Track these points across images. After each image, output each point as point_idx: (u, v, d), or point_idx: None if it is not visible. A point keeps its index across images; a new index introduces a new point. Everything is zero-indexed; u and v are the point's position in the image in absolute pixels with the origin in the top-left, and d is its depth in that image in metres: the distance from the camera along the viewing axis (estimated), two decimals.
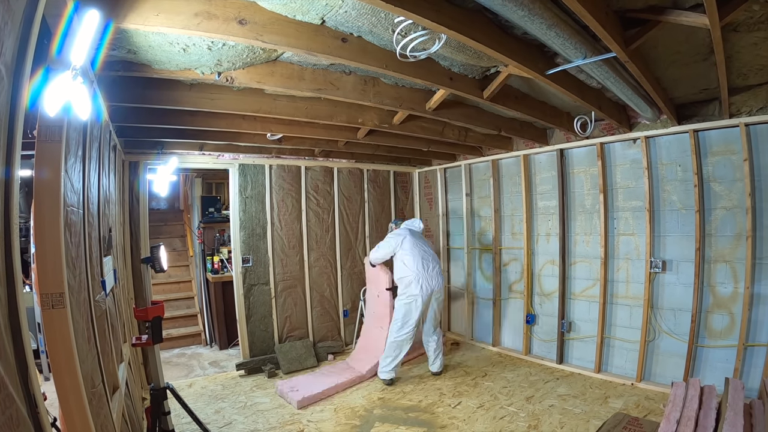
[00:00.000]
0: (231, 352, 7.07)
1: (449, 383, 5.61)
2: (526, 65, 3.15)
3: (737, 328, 4.68)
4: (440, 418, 4.67)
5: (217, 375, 6.07)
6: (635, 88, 3.83)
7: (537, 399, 5.07)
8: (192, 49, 2.79)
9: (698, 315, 4.94)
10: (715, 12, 2.30)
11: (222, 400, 5.17)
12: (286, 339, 6.48)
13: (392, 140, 5.79)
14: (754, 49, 3.34)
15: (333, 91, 3.66)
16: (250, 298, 6.19)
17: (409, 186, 8.45)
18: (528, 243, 6.49)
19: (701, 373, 4.96)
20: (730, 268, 4.78)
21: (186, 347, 7.48)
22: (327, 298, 7.01)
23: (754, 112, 4.46)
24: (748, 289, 4.55)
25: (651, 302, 5.30)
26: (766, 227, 4.53)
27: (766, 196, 4.52)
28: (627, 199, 5.55)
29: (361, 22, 2.68)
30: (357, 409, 4.91)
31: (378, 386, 5.53)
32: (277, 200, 6.51)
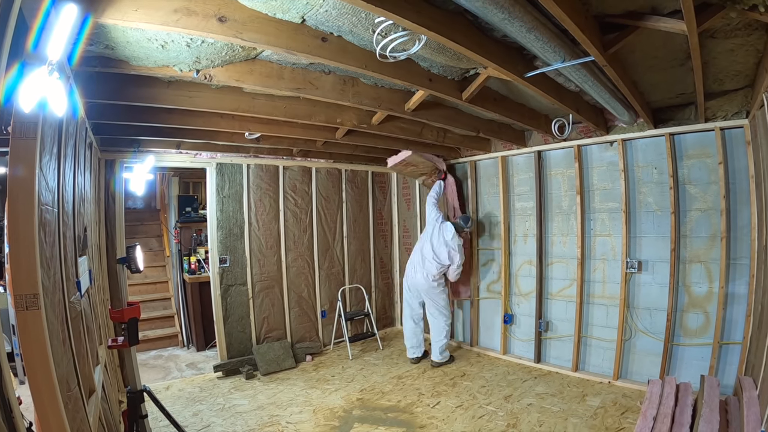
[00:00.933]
0: (208, 354, 7.00)
1: (428, 383, 5.62)
2: (505, 67, 3.16)
3: (712, 326, 4.79)
4: (419, 418, 4.68)
5: (195, 377, 6.00)
6: (613, 91, 3.88)
7: (515, 398, 5.11)
8: (170, 46, 2.76)
9: (674, 314, 5.03)
10: (693, 19, 2.33)
11: (200, 403, 5.12)
12: (264, 340, 6.44)
13: (371, 140, 5.77)
14: (730, 56, 3.40)
15: (312, 91, 3.63)
16: (228, 298, 6.13)
17: (387, 186, 8.45)
18: (506, 243, 6.53)
19: (677, 371, 5.05)
20: (705, 268, 4.87)
21: (163, 349, 7.38)
22: (305, 298, 6.98)
23: (730, 117, 4.56)
24: (723, 289, 4.66)
25: (627, 302, 5.38)
26: (740, 228, 4.63)
27: (740, 198, 4.62)
28: (603, 200, 5.62)
29: (342, 22, 2.67)
30: (336, 409, 4.89)
31: (357, 387, 5.52)
32: (255, 200, 6.46)
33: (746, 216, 4.57)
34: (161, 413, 3.60)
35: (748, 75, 3.87)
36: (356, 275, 7.77)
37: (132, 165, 5.43)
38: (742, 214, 4.61)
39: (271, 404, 5.05)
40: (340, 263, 7.53)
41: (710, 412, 3.51)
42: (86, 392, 2.60)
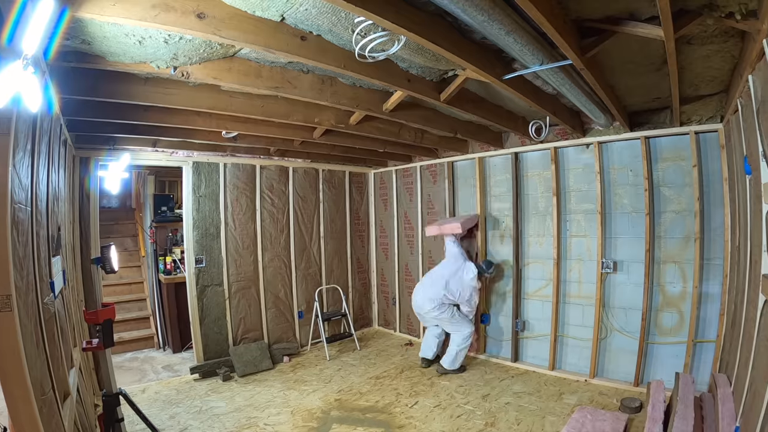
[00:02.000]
0: (185, 356, 6.90)
1: (405, 383, 5.62)
2: (483, 69, 3.17)
3: (686, 325, 4.89)
4: (397, 418, 4.68)
5: (171, 379, 5.92)
6: (590, 95, 3.92)
7: (493, 397, 5.14)
8: (148, 42, 2.72)
9: (648, 313, 5.11)
10: (670, 25, 2.37)
11: (177, 405, 5.05)
12: (241, 341, 6.38)
13: (348, 140, 5.76)
14: (706, 62, 3.47)
15: (290, 90, 3.61)
16: (204, 299, 6.07)
17: (364, 187, 8.46)
18: (483, 244, 6.57)
19: (652, 369, 5.15)
20: (679, 268, 4.96)
21: (138, 351, 7.27)
22: (281, 299, 6.94)
23: (704, 121, 4.66)
24: (697, 288, 4.76)
25: (603, 301, 5.44)
26: (713, 230, 4.74)
27: (714, 200, 4.73)
28: (579, 202, 5.68)
29: (321, 21, 2.65)
30: (314, 411, 4.87)
31: (335, 387, 5.50)
32: (232, 199, 6.40)
33: (719, 218, 4.67)
34: (138, 417, 3.56)
35: (723, 81, 3.95)
36: (333, 275, 7.75)
37: (107, 163, 5.34)
38: (715, 216, 4.71)
39: (249, 406, 5.01)
40: (317, 263, 7.50)
41: (685, 408, 3.57)
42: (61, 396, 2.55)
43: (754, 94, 2.86)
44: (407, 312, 7.79)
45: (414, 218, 7.63)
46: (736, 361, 3.47)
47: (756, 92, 2.84)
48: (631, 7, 2.58)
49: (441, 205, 7.15)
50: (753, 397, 2.73)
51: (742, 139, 3.54)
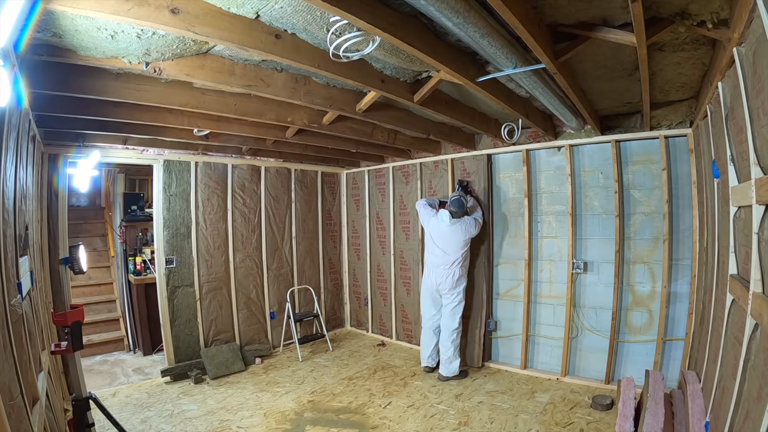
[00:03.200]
0: (155, 358, 6.80)
1: (378, 384, 5.62)
2: (457, 71, 3.18)
3: (656, 324, 5.00)
4: (371, 418, 4.68)
5: (142, 382, 5.82)
6: (562, 98, 3.97)
7: (466, 396, 5.17)
8: (120, 37, 2.66)
9: (618, 312, 5.21)
10: (642, 32, 2.41)
11: (148, 409, 4.96)
12: (212, 343, 6.30)
13: (321, 140, 5.73)
14: (677, 68, 3.54)
15: (263, 88, 3.57)
16: (174, 300, 5.97)
17: (337, 187, 8.44)
18: None
19: (623, 367, 5.26)
20: (648, 268, 5.06)
21: (108, 354, 7.13)
22: (253, 300, 6.88)
23: (674, 126, 4.77)
24: (666, 288, 4.88)
25: (573, 301, 5.52)
26: (681, 231, 4.86)
27: (683, 203, 4.86)
28: (551, 203, 5.75)
29: (296, 19, 2.63)
30: (287, 412, 4.83)
31: (308, 389, 5.48)
32: (203, 199, 6.32)
33: (688, 219, 4.79)
34: (108, 421, 3.49)
35: (694, 87, 4.04)
36: (305, 276, 7.71)
37: (76, 160, 5.20)
38: (684, 218, 4.84)
39: (221, 409, 4.95)
40: (289, 264, 7.46)
41: (656, 404, 3.63)
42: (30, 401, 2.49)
43: (723, 100, 2.94)
44: (379, 312, 7.82)
45: (386, 219, 7.64)
46: (705, 358, 3.56)
47: (725, 99, 2.91)
48: (604, 13, 2.61)
49: (413, 206, 7.13)
50: (722, 392, 2.80)
51: (710, 144, 3.63)
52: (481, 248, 6.23)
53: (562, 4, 2.50)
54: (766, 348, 2.01)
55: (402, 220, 7.37)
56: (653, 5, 2.45)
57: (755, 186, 2.19)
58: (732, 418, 2.37)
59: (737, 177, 2.75)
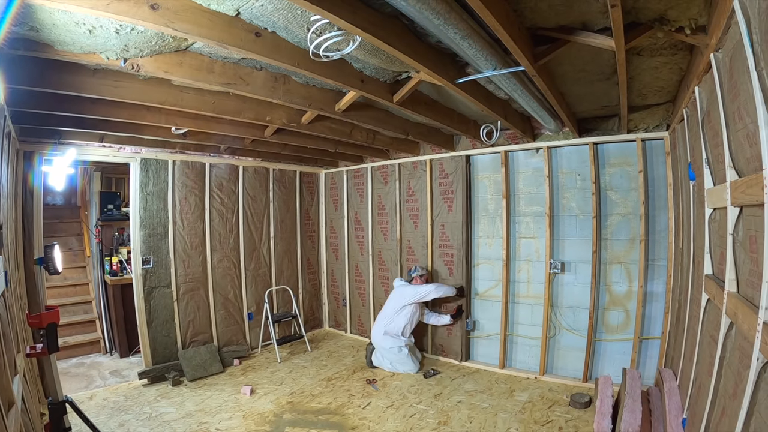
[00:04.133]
0: (132, 360, 6.70)
1: (358, 384, 5.62)
2: (437, 73, 3.19)
3: (632, 323, 5.10)
4: (351, 419, 4.67)
5: (119, 385, 5.72)
6: (540, 101, 4.00)
7: (445, 396, 5.19)
8: (98, 32, 2.61)
9: (596, 312, 5.29)
10: (621, 36, 2.44)
11: (126, 412, 4.88)
12: (190, 344, 6.24)
13: (300, 140, 5.70)
14: (654, 72, 3.59)
15: (242, 87, 3.54)
16: (151, 301, 5.89)
17: (315, 187, 8.41)
18: (432, 245, 6.62)
19: (600, 365, 5.34)
20: (625, 269, 5.14)
21: (84, 356, 7.00)
22: (231, 300, 6.83)
23: (651, 129, 4.86)
24: (642, 288, 4.97)
25: (551, 301, 5.58)
26: (657, 232, 4.95)
27: (659, 204, 4.95)
28: (528, 204, 5.80)
29: (277, 18, 2.61)
30: (266, 414, 4.80)
31: (287, 390, 5.45)
32: (180, 198, 6.25)
33: (664, 221, 4.88)
34: (85, 425, 3.44)
35: (671, 91, 4.11)
36: (283, 276, 7.68)
37: (52, 158, 5.10)
38: (660, 219, 4.92)
39: (200, 411, 4.90)
40: (267, 264, 7.42)
41: (633, 402, 3.69)
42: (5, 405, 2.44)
43: (699, 104, 3.00)
44: (358, 313, 7.83)
45: (364, 219, 7.64)
46: (681, 356, 3.62)
47: (702, 103, 2.98)
48: (584, 17, 2.64)
49: (391, 207, 7.17)
50: (698, 389, 2.86)
51: (686, 147, 3.71)
52: (460, 249, 6.26)
53: (543, 7, 2.52)
54: (741, 346, 2.05)
55: (380, 220, 7.37)
56: (632, 10, 2.49)
57: (730, 188, 2.23)
58: (709, 415, 2.42)
59: (713, 179, 2.81)
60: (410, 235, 6.97)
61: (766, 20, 1.64)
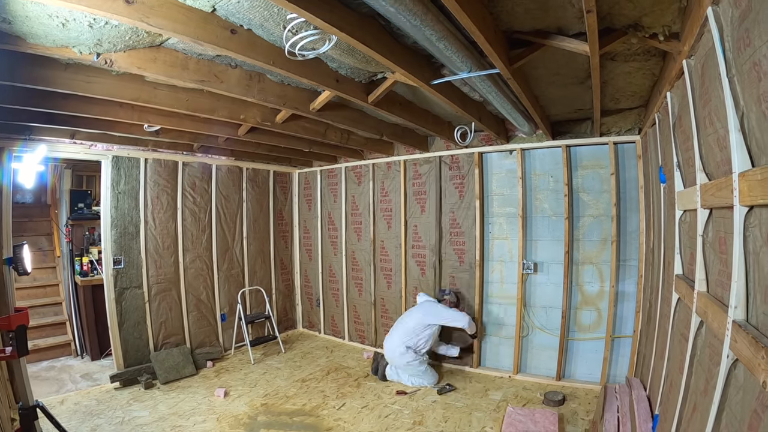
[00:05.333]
0: (104, 363, 6.54)
1: (332, 385, 5.61)
2: (413, 74, 3.19)
3: (604, 322, 5.19)
4: (326, 420, 4.66)
5: (91, 389, 5.59)
6: (515, 103, 4.04)
7: (420, 396, 5.22)
8: (72, 25, 2.56)
9: (568, 311, 5.37)
10: (596, 41, 2.48)
11: (98, 417, 4.79)
12: (162, 346, 6.15)
13: (274, 139, 5.67)
14: (627, 77, 3.67)
15: (217, 84, 3.50)
16: (123, 302, 5.79)
17: (289, 186, 8.37)
18: (404, 246, 6.65)
19: (573, 364, 5.44)
20: (597, 269, 5.22)
21: (55, 359, 6.81)
22: (204, 301, 6.75)
23: (623, 133, 4.96)
24: (613, 288, 5.06)
25: (524, 301, 5.64)
26: (629, 233, 5.05)
27: (630, 206, 5.05)
28: (502, 205, 5.86)
29: (253, 15, 2.59)
30: (240, 416, 4.76)
31: (261, 392, 5.42)
32: (152, 197, 6.15)
33: (635, 222, 4.98)
34: (57, 430, 3.36)
35: (643, 96, 4.19)
36: (256, 277, 7.62)
37: (22, 154, 4.98)
38: (631, 220, 5.02)
39: (173, 414, 4.84)
40: (240, 264, 7.36)
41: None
42: None
43: (671, 109, 3.08)
44: (331, 313, 7.82)
45: (338, 219, 7.63)
46: (653, 354, 3.70)
47: (673, 108, 3.06)
48: (560, 22, 2.68)
49: (365, 207, 7.18)
50: (670, 386, 2.92)
51: (658, 151, 3.79)
52: (433, 249, 6.31)
53: (519, 11, 2.55)
54: (711, 344, 2.10)
55: (354, 220, 7.37)
56: (608, 16, 2.53)
57: (700, 191, 2.28)
58: (680, 411, 2.47)
59: (683, 182, 2.88)
60: (384, 235, 6.98)
61: (738, 29, 1.69)
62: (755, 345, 1.49)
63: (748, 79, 1.63)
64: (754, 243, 1.65)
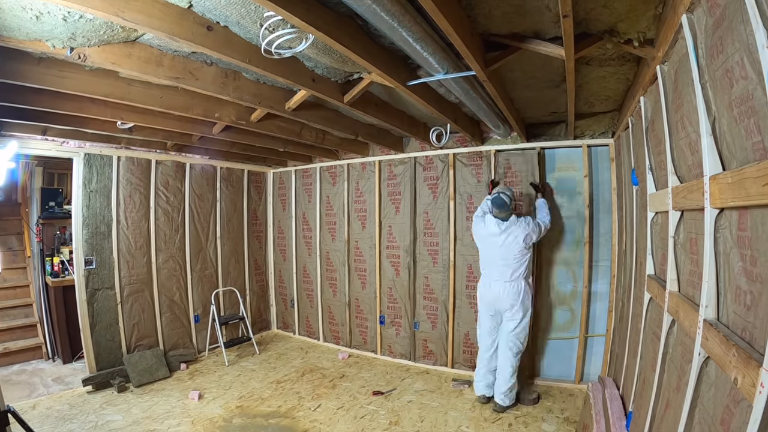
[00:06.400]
0: (76, 366, 6.39)
1: (307, 386, 5.58)
2: (389, 74, 3.20)
3: (578, 321, 5.28)
4: (301, 422, 4.64)
5: (63, 393, 5.46)
6: (490, 105, 4.07)
7: (395, 396, 5.23)
8: (46, 18, 2.51)
9: (542, 311, 5.45)
10: (571, 46, 2.52)
11: (71, 421, 4.68)
12: (135, 349, 6.04)
13: (249, 138, 5.62)
14: (602, 82, 3.73)
15: (192, 82, 3.46)
16: (94, 304, 5.68)
17: (263, 186, 8.31)
18: (379, 246, 6.67)
19: (548, 363, 5.52)
20: (570, 270, 5.31)
21: (26, 363, 6.63)
22: (177, 302, 6.66)
23: (596, 136, 5.06)
24: (587, 288, 5.16)
25: None
26: (601, 235, 5.15)
27: (603, 208, 5.15)
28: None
29: (230, 12, 2.57)
30: (215, 419, 4.71)
31: (235, 394, 5.37)
32: (124, 196, 6.04)
33: (608, 224, 5.08)
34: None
35: (617, 100, 4.27)
36: (230, 277, 7.55)
37: None
38: (604, 222, 5.12)
39: (147, 418, 4.76)
40: (214, 265, 7.28)
41: None
42: None
43: (644, 114, 3.14)
44: (306, 314, 7.79)
45: (312, 220, 7.59)
46: (626, 352, 3.78)
47: (646, 112, 3.12)
48: (537, 26, 2.71)
49: (340, 207, 7.17)
50: (643, 383, 2.98)
51: (630, 154, 3.87)
52: (407, 250, 6.35)
53: (496, 14, 2.57)
54: (683, 342, 2.15)
55: (328, 221, 7.35)
56: (584, 21, 2.57)
57: (672, 193, 2.33)
58: (654, 407, 2.52)
59: (655, 185, 2.94)
60: (358, 235, 6.98)
61: (712, 36, 1.73)
62: (726, 343, 1.53)
63: (720, 85, 1.67)
64: (724, 244, 1.69)
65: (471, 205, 5.87)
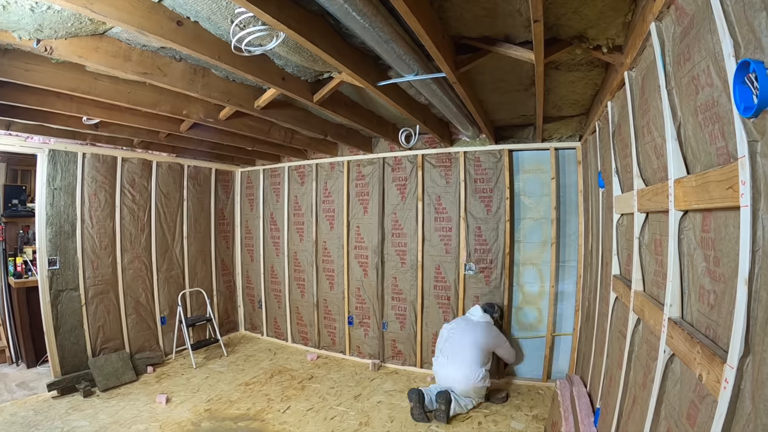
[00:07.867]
0: (41, 370, 6.18)
1: (276, 388, 5.54)
2: (359, 74, 3.21)
3: (545, 321, 5.37)
4: (271, 424, 4.60)
5: (28, 398, 5.30)
6: (460, 107, 4.11)
7: (365, 396, 5.23)
8: (13, 8, 2.45)
9: (510, 310, 5.51)
10: (541, 50, 2.56)
11: (36, 428, 4.55)
12: (101, 352, 5.90)
13: (217, 136, 5.55)
14: (570, 86, 3.81)
15: (160, 77, 3.40)
16: (59, 306, 5.53)
17: (231, 185, 8.22)
18: (347, 247, 6.67)
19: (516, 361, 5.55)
20: (537, 270, 5.40)
21: None
22: (143, 304, 6.53)
23: (564, 139, 5.17)
24: (553, 288, 5.26)
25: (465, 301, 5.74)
26: (568, 236, 5.25)
27: (569, 209, 5.26)
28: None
29: (201, 7, 2.54)
30: (183, 423, 4.64)
31: (204, 397, 5.30)
32: (89, 194, 5.90)
33: (574, 225, 5.18)
34: None
35: (585, 104, 4.36)
36: (197, 278, 7.44)
37: None
38: (570, 223, 5.22)
39: (114, 423, 4.65)
40: (180, 265, 7.17)
41: None
42: None
43: (611, 118, 3.22)
44: (274, 315, 7.74)
45: (280, 219, 7.55)
46: (592, 351, 3.86)
47: (613, 117, 3.21)
48: (508, 30, 2.75)
49: (308, 207, 7.15)
50: (610, 381, 3.05)
51: (597, 157, 3.96)
52: (375, 250, 6.37)
53: (468, 18, 2.60)
54: (648, 340, 2.21)
55: (296, 221, 7.31)
56: (554, 27, 2.62)
57: (637, 196, 2.40)
58: (621, 404, 2.58)
59: (621, 187, 3.02)
60: (326, 236, 6.96)
61: (679, 44, 1.78)
62: (690, 340, 1.58)
63: (686, 92, 1.72)
64: (688, 245, 1.74)
65: (439, 206, 5.92)
